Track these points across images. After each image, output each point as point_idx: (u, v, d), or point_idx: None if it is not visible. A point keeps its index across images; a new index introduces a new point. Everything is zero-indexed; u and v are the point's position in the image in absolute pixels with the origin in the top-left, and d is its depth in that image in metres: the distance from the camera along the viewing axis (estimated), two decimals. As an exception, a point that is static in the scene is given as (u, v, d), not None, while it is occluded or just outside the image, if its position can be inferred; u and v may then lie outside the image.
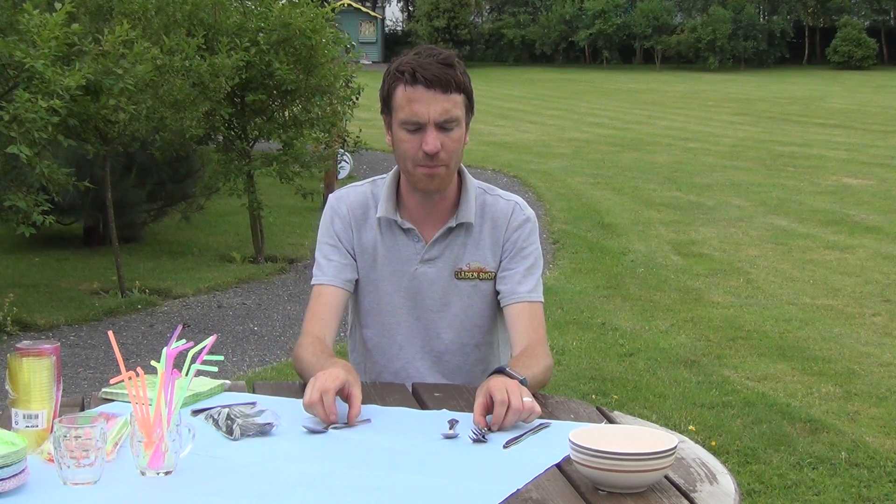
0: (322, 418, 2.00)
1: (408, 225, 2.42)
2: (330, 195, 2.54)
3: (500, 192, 2.49)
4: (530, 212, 2.48)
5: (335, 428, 1.99)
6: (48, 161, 6.26)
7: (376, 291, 2.45)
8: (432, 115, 2.27)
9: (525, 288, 2.41)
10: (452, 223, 2.41)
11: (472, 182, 2.46)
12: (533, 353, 2.31)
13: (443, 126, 2.28)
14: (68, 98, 6.08)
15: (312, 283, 2.46)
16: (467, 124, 2.36)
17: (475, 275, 2.43)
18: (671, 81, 39.15)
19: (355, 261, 2.45)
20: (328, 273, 2.43)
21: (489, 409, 2.01)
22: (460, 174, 2.44)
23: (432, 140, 2.27)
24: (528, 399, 2.01)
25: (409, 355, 2.46)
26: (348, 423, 2.02)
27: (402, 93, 2.28)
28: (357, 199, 2.47)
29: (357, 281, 2.47)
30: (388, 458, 1.86)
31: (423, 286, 2.43)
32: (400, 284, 2.44)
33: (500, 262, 2.44)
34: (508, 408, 1.98)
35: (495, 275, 2.43)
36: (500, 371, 2.13)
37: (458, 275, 2.42)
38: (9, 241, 9.32)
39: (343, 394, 2.04)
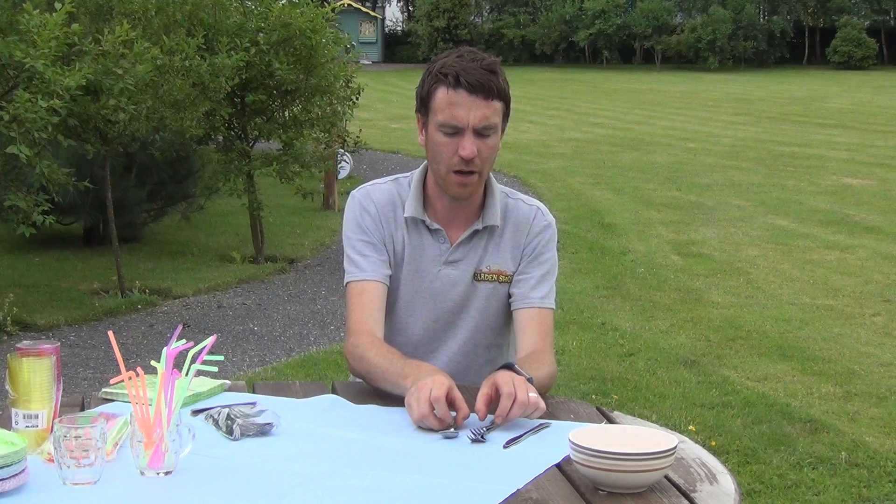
0: (438, 427, 1.97)
1: (436, 226, 2.42)
2: (353, 191, 2.50)
3: (522, 196, 2.50)
4: (551, 218, 2.49)
5: (447, 437, 1.95)
6: (48, 161, 6.26)
7: (396, 290, 2.45)
8: (472, 121, 2.27)
9: (538, 294, 2.41)
10: (479, 226, 2.41)
11: (497, 185, 2.46)
12: (539, 357, 2.31)
13: (480, 132, 2.28)
14: (68, 98, 6.08)
15: (348, 280, 2.42)
16: (503, 131, 2.36)
17: (494, 277, 2.43)
18: (671, 81, 39.13)
19: (389, 257, 2.44)
20: (367, 268, 2.40)
21: (492, 400, 2.01)
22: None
23: (469, 146, 2.27)
24: (534, 395, 2.01)
25: (421, 354, 2.44)
26: (457, 425, 1.99)
27: (443, 95, 2.28)
28: (383, 197, 2.46)
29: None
30: (388, 458, 1.86)
31: (446, 287, 2.43)
32: (421, 285, 2.43)
33: (519, 265, 2.44)
34: (514, 401, 1.98)
35: (512, 278, 2.44)
36: (509, 367, 2.13)
37: (478, 276, 2.42)
38: (9, 241, 9.32)
39: (448, 399, 2.00)
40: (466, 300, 2.44)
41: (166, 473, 1.76)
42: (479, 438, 1.94)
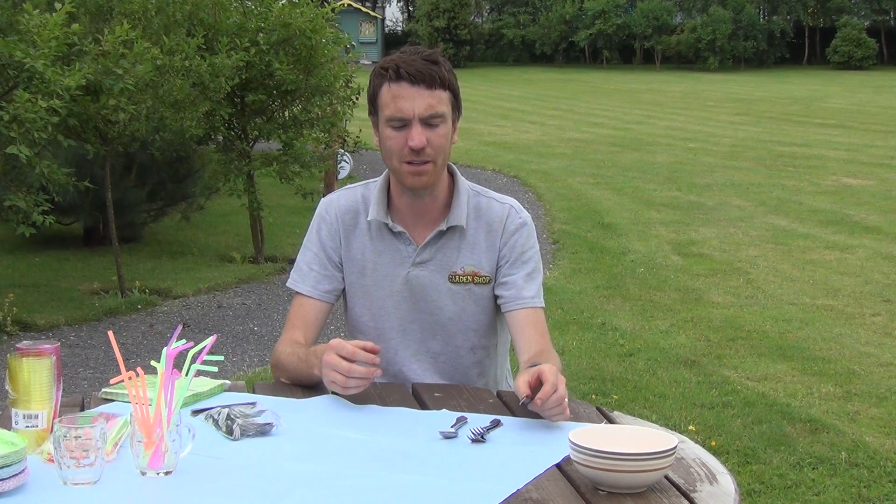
0: (364, 373, 2.11)
1: (399, 228, 2.40)
2: (322, 199, 2.53)
3: (495, 194, 2.47)
4: (526, 215, 2.46)
5: (447, 437, 1.96)
6: (48, 161, 6.26)
7: (367, 297, 2.44)
8: (417, 111, 2.27)
9: (529, 293, 2.39)
10: (443, 226, 2.39)
11: (465, 184, 2.44)
12: (549, 357, 2.29)
13: (428, 122, 2.28)
14: (68, 98, 6.08)
15: (289, 285, 2.50)
16: (454, 122, 2.35)
17: (469, 279, 2.41)
18: (671, 81, 39.13)
19: (340, 271, 2.46)
20: (308, 282, 2.46)
21: (533, 387, 2.01)
22: (452, 176, 2.43)
23: (417, 136, 2.27)
24: (565, 398, 2.01)
25: (404, 359, 2.44)
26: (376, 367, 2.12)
27: (386, 90, 2.29)
28: (347, 203, 2.46)
29: (343, 290, 2.48)
30: (388, 458, 1.86)
31: (416, 289, 2.41)
32: (392, 288, 2.42)
33: (498, 267, 2.41)
34: (555, 393, 1.98)
35: (490, 279, 2.42)
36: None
37: (452, 278, 2.41)
38: (9, 241, 9.32)
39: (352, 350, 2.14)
40: (441, 302, 2.41)
41: (166, 473, 1.76)
42: (479, 438, 1.94)
